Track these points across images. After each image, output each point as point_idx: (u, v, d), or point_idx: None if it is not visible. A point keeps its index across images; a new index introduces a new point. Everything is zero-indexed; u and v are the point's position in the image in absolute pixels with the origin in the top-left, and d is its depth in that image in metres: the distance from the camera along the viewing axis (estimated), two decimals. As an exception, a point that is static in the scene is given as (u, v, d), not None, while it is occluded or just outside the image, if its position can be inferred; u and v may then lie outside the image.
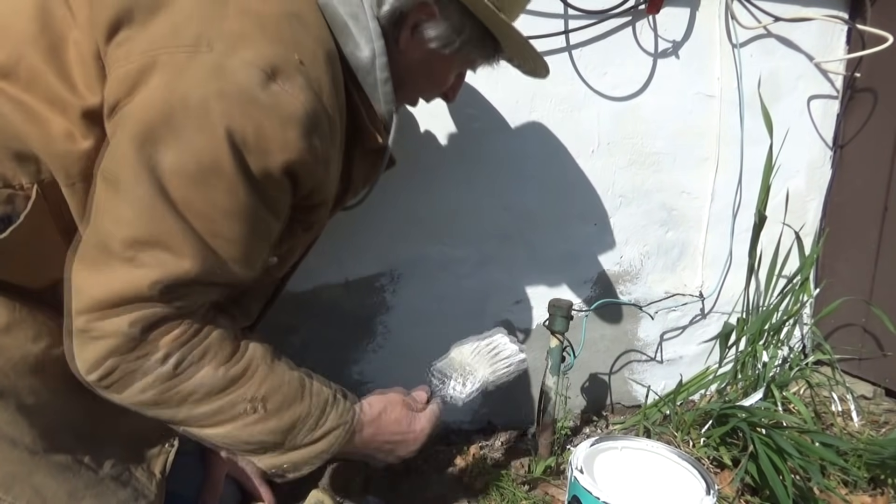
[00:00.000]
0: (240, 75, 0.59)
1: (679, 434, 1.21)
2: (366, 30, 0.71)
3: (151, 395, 0.64)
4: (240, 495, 0.93)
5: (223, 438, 0.69)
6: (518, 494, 1.05)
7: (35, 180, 0.61)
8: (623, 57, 1.23)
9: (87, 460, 0.66)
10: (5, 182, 0.59)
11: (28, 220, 0.60)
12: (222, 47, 0.59)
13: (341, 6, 0.70)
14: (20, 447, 0.60)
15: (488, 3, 0.73)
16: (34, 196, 0.61)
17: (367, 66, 0.73)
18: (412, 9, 0.74)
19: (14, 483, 0.58)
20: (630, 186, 1.30)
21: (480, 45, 0.80)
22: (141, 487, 0.71)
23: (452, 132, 1.15)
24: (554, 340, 1.13)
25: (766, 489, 1.01)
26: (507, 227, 1.24)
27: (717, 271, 1.42)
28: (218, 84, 0.58)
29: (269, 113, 0.60)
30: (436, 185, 1.17)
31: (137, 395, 0.64)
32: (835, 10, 1.36)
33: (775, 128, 1.32)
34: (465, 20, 0.76)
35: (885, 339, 1.37)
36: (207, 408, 0.66)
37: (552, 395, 1.14)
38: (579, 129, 1.23)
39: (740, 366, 1.35)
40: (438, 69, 0.84)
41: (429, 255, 1.20)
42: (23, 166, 0.60)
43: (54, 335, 0.64)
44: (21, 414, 0.61)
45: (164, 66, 0.58)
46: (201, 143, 0.58)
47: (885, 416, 1.36)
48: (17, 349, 0.61)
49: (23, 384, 0.61)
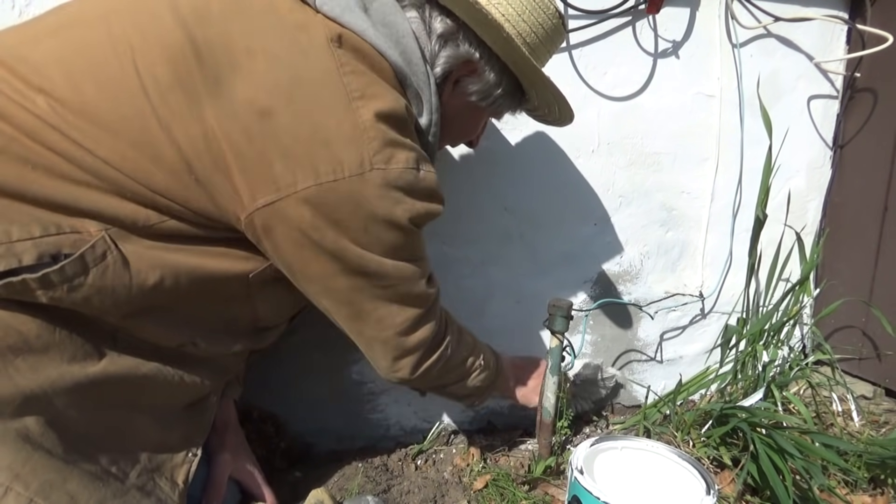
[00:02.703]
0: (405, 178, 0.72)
1: (679, 434, 1.21)
2: (429, 102, 0.79)
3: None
4: (240, 496, 0.93)
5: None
6: (518, 494, 1.05)
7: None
8: (623, 57, 1.23)
9: (115, 470, 0.68)
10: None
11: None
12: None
13: (414, 78, 0.76)
14: (55, 457, 0.62)
15: (528, 55, 0.78)
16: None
17: (425, 130, 0.81)
18: (458, 66, 0.81)
19: (52, 490, 0.60)
20: (630, 186, 1.30)
21: (511, 97, 0.88)
22: (164, 497, 0.73)
23: (452, 132, 1.15)
24: (554, 340, 1.13)
25: (767, 489, 1.01)
26: (507, 227, 1.24)
27: (717, 271, 1.42)
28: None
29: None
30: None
31: None
32: (835, 10, 1.36)
33: (775, 128, 1.32)
34: (503, 75, 0.83)
35: (884, 339, 1.36)
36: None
37: (552, 394, 1.14)
38: (579, 129, 1.23)
39: (740, 366, 1.35)
40: (472, 120, 0.93)
41: (429, 256, 1.20)
42: None
43: (90, 356, 0.67)
44: (52, 427, 0.63)
45: None
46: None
47: (885, 416, 1.36)
48: (53, 368, 0.64)
49: (58, 400, 0.64)
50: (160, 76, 0.64)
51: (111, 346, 0.70)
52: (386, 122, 0.69)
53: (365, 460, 1.14)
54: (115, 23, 0.66)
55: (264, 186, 0.67)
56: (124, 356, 0.71)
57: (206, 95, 0.64)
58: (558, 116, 0.97)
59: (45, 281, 0.61)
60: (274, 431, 1.13)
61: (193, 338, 0.78)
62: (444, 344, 0.90)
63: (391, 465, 1.15)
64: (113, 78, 0.64)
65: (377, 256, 0.74)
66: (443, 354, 0.90)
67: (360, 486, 1.05)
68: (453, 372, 0.96)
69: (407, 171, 0.71)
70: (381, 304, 0.80)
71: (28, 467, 0.59)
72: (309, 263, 0.74)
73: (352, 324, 0.82)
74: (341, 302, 0.79)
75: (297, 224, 0.69)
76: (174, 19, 0.65)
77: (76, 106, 0.63)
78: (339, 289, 0.77)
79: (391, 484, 1.08)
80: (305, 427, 1.20)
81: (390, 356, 0.85)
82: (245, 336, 0.85)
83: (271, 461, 1.09)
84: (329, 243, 0.71)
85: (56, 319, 0.64)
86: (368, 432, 1.25)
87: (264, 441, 1.10)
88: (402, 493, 1.06)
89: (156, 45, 0.64)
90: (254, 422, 1.10)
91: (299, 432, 1.19)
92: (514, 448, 1.25)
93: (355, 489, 1.04)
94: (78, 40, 0.66)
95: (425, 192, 0.75)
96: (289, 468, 1.11)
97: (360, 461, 1.14)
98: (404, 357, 0.85)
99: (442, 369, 0.91)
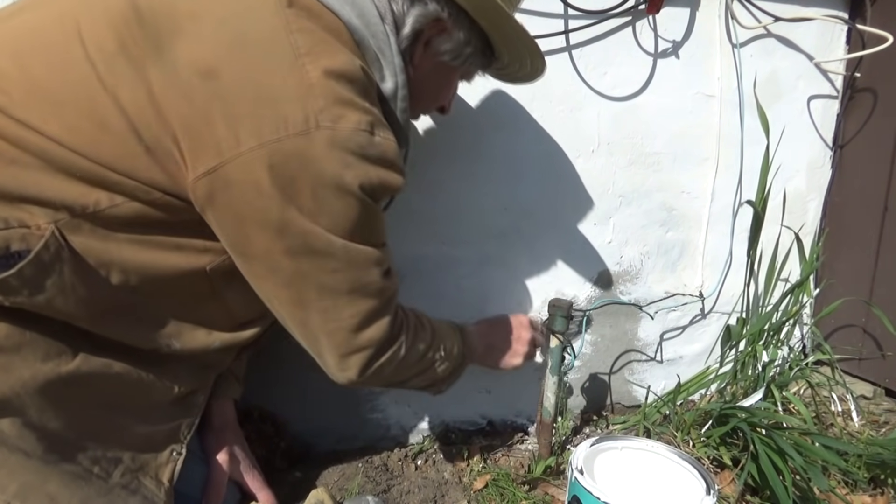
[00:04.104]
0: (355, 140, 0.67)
1: (679, 434, 1.21)
2: (391, 64, 0.75)
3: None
4: (239, 496, 0.93)
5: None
6: (518, 494, 1.05)
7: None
8: (623, 57, 1.23)
9: (97, 470, 0.68)
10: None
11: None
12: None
13: (372, 40, 0.72)
14: (34, 458, 0.61)
15: (500, 3, 0.76)
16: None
17: (390, 97, 0.76)
18: (427, 26, 0.77)
19: (30, 493, 0.59)
20: (630, 186, 1.30)
21: (482, 54, 0.85)
22: (150, 495, 0.72)
23: (452, 133, 1.15)
24: (554, 340, 1.13)
25: (767, 489, 1.01)
26: (507, 227, 1.24)
27: (717, 271, 1.42)
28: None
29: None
30: (435, 185, 1.17)
31: None
32: (835, 10, 1.36)
33: (775, 128, 1.32)
34: (472, 32, 0.80)
35: (884, 339, 1.36)
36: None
37: (552, 394, 1.14)
38: (579, 128, 1.23)
39: (740, 366, 1.35)
40: (445, 81, 0.89)
41: (429, 255, 1.20)
42: None
43: (63, 354, 0.66)
44: (29, 428, 0.62)
45: None
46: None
47: (885, 416, 1.36)
48: (26, 368, 0.63)
49: (32, 401, 0.63)
50: (104, 44, 0.63)
51: (84, 345, 0.68)
52: (336, 80, 0.65)
53: (365, 460, 1.14)
54: (64, 1, 0.66)
55: (207, 150, 0.63)
56: (98, 356, 0.69)
57: (150, 60, 0.63)
58: (530, 70, 0.93)
59: (4, 286, 0.60)
60: (274, 431, 1.13)
61: (167, 339, 0.75)
62: (397, 343, 0.84)
63: (391, 465, 1.15)
64: (59, 52, 0.63)
65: (326, 233, 0.68)
66: (395, 354, 0.83)
67: (360, 486, 1.05)
68: (409, 370, 0.90)
69: (358, 133, 0.66)
70: (329, 293, 0.73)
71: (5, 470, 0.59)
72: (252, 238, 0.68)
73: (295, 311, 0.75)
74: (284, 284, 0.72)
75: (240, 191, 0.65)
76: None
77: (24, 86, 0.62)
78: (284, 269, 0.71)
79: (391, 484, 1.08)
80: (305, 427, 1.20)
81: (336, 353, 0.78)
82: (224, 333, 0.81)
83: (271, 461, 1.09)
84: (274, 213, 0.66)
85: (24, 322, 0.63)
86: (368, 432, 1.25)
87: (264, 441, 1.10)
88: (402, 493, 1.06)
89: (101, 15, 0.64)
90: (254, 422, 1.10)
91: (299, 432, 1.19)
92: (513, 448, 1.26)
93: (355, 489, 1.04)
94: (27, 23, 0.66)
95: (380, 158, 0.69)
96: (289, 468, 1.11)
97: (360, 461, 1.14)
98: (352, 355, 0.78)
99: (396, 369, 0.85)
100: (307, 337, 0.78)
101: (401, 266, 1.18)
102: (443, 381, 0.99)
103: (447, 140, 1.15)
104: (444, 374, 0.96)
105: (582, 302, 1.33)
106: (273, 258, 0.70)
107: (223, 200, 0.66)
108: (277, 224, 0.67)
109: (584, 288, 1.33)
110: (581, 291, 1.33)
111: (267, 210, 0.66)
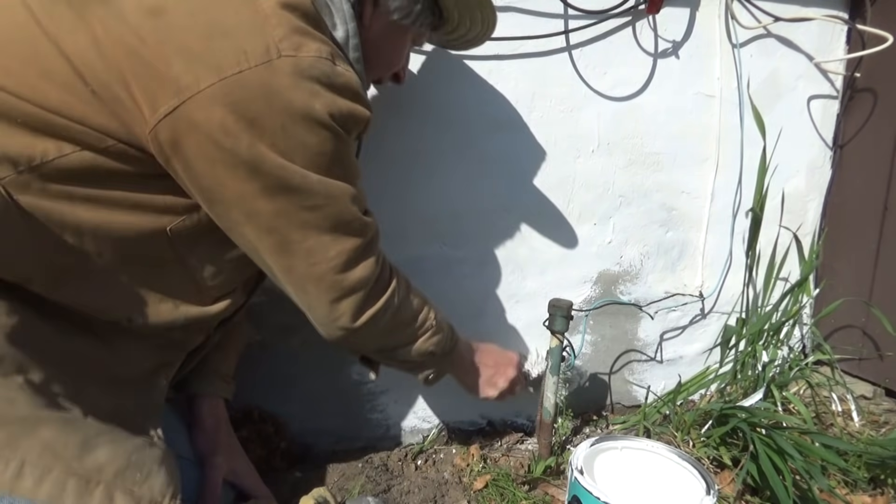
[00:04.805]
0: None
1: (679, 434, 1.21)
2: (340, 11, 0.74)
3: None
4: (233, 495, 0.92)
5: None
6: (518, 494, 1.05)
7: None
8: (623, 57, 1.23)
9: (91, 419, 0.64)
10: None
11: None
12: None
13: None
14: (19, 404, 0.58)
15: None
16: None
17: (343, 44, 0.75)
18: None
19: (20, 440, 0.56)
20: (630, 186, 1.31)
21: (431, 11, 0.84)
22: (149, 438, 0.69)
23: (452, 132, 1.15)
24: (554, 340, 1.13)
25: (767, 489, 1.01)
26: (507, 227, 1.24)
27: (716, 271, 1.42)
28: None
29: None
30: (435, 185, 1.17)
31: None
32: (835, 10, 1.36)
33: (775, 128, 1.32)
34: None
35: (884, 339, 1.36)
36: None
37: (552, 394, 1.14)
38: (579, 128, 1.23)
39: (740, 366, 1.35)
40: (397, 43, 0.87)
41: (429, 255, 1.20)
42: None
43: (28, 308, 0.63)
44: (8, 380, 0.59)
45: None
46: None
47: (885, 416, 1.36)
48: None
49: (3, 352, 0.60)
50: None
51: (38, 312, 0.65)
52: (291, 11, 0.64)
53: (365, 460, 1.14)
54: None
55: (164, 91, 0.60)
56: (52, 324, 0.66)
57: (94, 4, 0.61)
58: (482, 27, 0.92)
59: None
60: (274, 431, 1.13)
61: (129, 311, 0.72)
62: (389, 289, 0.81)
63: (391, 465, 1.15)
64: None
65: (300, 168, 0.66)
66: (389, 302, 0.81)
67: (360, 486, 1.05)
68: (402, 330, 0.87)
69: (320, 61, 0.64)
70: (311, 231, 0.71)
71: None
72: (225, 183, 0.65)
73: (280, 259, 0.72)
74: (265, 230, 0.70)
75: (206, 131, 0.62)
76: None
77: None
78: (262, 213, 0.68)
79: (391, 484, 1.08)
80: (305, 427, 1.20)
81: (326, 298, 0.75)
82: (192, 307, 0.77)
83: (271, 461, 1.09)
84: (244, 151, 0.63)
85: None
86: (368, 432, 1.25)
87: (264, 441, 1.10)
88: (402, 493, 1.06)
89: None
90: (254, 422, 1.10)
91: (299, 432, 1.19)
92: (513, 448, 1.26)
93: (355, 489, 1.04)
94: None
95: (345, 88, 0.67)
96: (289, 468, 1.11)
97: (360, 461, 1.14)
98: (344, 298, 0.75)
99: (390, 322, 0.82)
100: (296, 287, 0.75)
101: (401, 266, 1.19)
102: (433, 360, 0.95)
103: (448, 140, 1.15)
104: (437, 348, 0.92)
105: (582, 302, 1.33)
106: (249, 202, 0.67)
107: (188, 144, 0.63)
108: (249, 163, 0.64)
109: (584, 288, 1.33)
110: (581, 291, 1.33)
111: (236, 150, 0.63)
